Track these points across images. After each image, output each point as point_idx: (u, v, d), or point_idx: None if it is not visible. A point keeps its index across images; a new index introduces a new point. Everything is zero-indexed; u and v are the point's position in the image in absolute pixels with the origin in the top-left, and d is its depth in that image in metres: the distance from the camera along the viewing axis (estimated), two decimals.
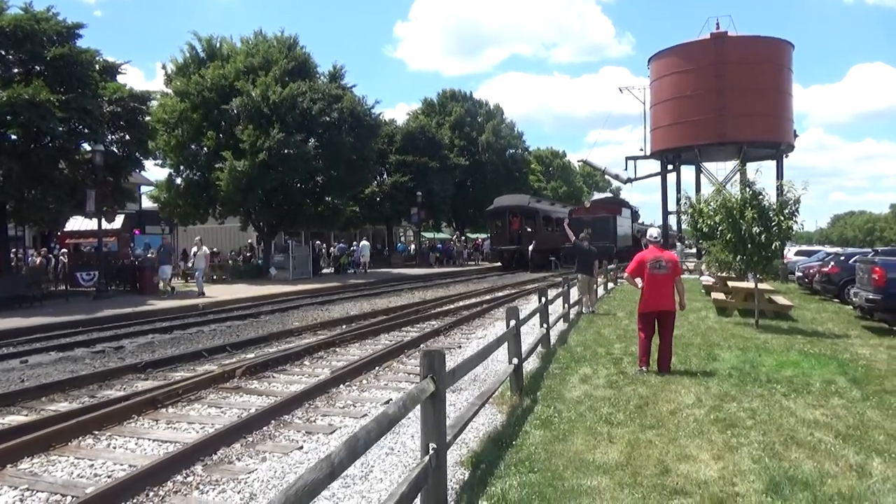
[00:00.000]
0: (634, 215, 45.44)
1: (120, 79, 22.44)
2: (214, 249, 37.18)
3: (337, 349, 10.53)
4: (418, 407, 3.86)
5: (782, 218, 11.88)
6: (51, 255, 27.27)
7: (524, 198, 40.17)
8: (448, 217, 51.36)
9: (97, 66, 21.18)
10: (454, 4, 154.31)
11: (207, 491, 4.58)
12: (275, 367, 8.96)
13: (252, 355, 9.90)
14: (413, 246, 47.60)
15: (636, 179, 45.19)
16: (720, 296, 15.41)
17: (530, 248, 35.28)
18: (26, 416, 6.76)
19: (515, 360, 6.83)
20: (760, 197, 12.22)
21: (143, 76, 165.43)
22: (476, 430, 5.63)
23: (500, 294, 20.09)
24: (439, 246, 45.30)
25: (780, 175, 37.65)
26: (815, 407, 6.22)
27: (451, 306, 16.85)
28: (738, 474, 4.43)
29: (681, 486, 4.23)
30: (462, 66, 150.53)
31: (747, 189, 12.29)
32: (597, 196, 67.01)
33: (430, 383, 3.83)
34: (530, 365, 8.33)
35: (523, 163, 56.05)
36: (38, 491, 4.63)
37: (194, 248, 22.19)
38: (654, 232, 8.72)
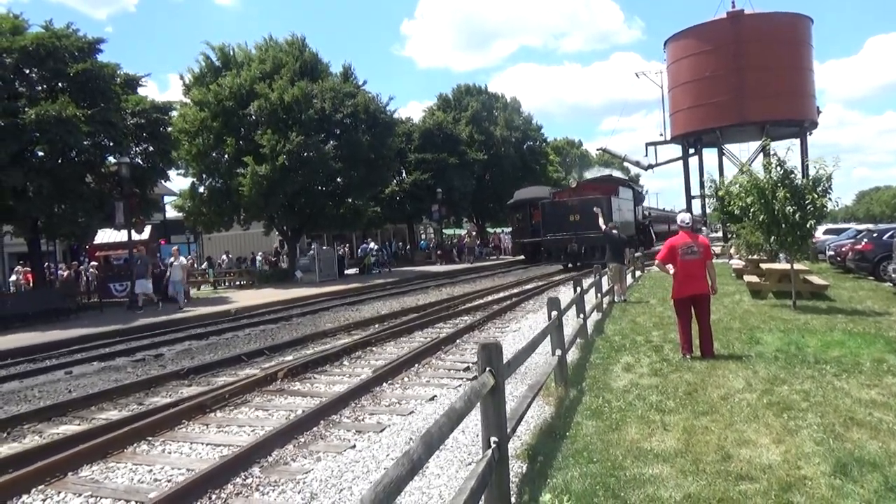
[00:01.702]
0: (638, 197, 37.92)
1: (140, 91, 22.72)
2: (239, 256, 37.61)
3: (373, 348, 10.56)
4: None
5: (816, 196, 11.67)
6: (81, 269, 27.76)
7: (544, 189, 39.87)
8: (469, 213, 51.25)
9: (118, 80, 21.43)
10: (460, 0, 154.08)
11: (268, 492, 4.62)
12: (315, 368, 9.02)
13: (290, 358, 9.97)
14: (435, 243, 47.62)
15: (657, 165, 44.68)
16: (754, 278, 15.22)
17: None
18: (79, 425, 6.87)
19: (559, 352, 6.79)
20: (793, 175, 12.03)
21: (157, 88, 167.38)
22: (527, 423, 5.60)
23: (528, 287, 20.01)
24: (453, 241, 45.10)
25: (804, 153, 37.05)
26: (870, 386, 6.10)
27: (480, 301, 16.82)
28: (801, 457, 4.36)
29: (745, 471, 4.18)
30: (472, 61, 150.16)
31: (779, 168, 12.08)
32: (590, 174, 55.36)
33: (489, 376, 3.81)
34: (571, 356, 8.27)
35: (541, 154, 55.73)
36: (102, 497, 4.71)
37: (171, 259, 20.14)
38: (684, 217, 8.67)
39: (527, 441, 5.15)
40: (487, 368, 3.89)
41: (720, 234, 37.59)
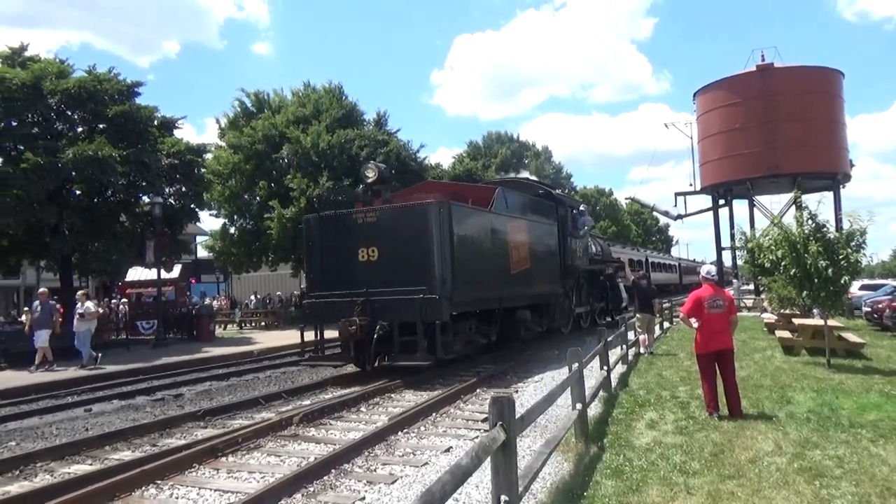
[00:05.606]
0: (574, 220, 18.30)
1: (177, 133, 23.37)
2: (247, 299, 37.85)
3: (392, 395, 10.41)
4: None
5: (850, 250, 11.35)
6: (114, 303, 28.18)
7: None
8: None
9: (156, 122, 22.11)
10: (489, 50, 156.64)
11: None
12: (331, 413, 8.88)
13: (308, 402, 9.86)
14: None
15: (687, 215, 44.24)
16: (786, 334, 14.76)
17: None
18: (91, 465, 6.81)
19: (579, 405, 6.59)
20: (825, 229, 11.75)
21: (195, 132, 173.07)
22: (543, 480, 5.39)
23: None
24: None
25: (838, 206, 36.35)
26: None
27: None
28: None
29: None
30: (500, 110, 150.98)
31: (810, 221, 11.82)
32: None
33: (500, 432, 3.68)
34: (592, 410, 8.03)
35: None
36: None
37: (77, 305, 15.92)
38: (711, 269, 8.55)
39: (542, 500, 4.95)
40: (499, 423, 3.75)
41: (751, 286, 36.83)
